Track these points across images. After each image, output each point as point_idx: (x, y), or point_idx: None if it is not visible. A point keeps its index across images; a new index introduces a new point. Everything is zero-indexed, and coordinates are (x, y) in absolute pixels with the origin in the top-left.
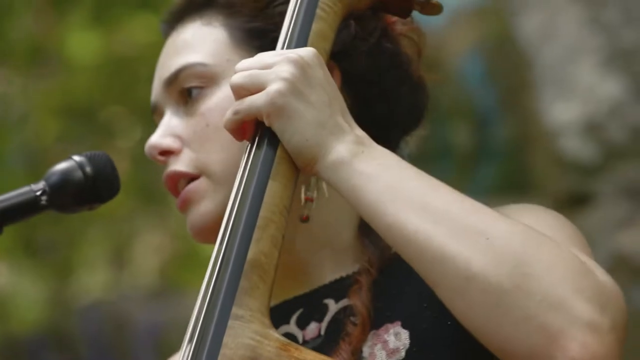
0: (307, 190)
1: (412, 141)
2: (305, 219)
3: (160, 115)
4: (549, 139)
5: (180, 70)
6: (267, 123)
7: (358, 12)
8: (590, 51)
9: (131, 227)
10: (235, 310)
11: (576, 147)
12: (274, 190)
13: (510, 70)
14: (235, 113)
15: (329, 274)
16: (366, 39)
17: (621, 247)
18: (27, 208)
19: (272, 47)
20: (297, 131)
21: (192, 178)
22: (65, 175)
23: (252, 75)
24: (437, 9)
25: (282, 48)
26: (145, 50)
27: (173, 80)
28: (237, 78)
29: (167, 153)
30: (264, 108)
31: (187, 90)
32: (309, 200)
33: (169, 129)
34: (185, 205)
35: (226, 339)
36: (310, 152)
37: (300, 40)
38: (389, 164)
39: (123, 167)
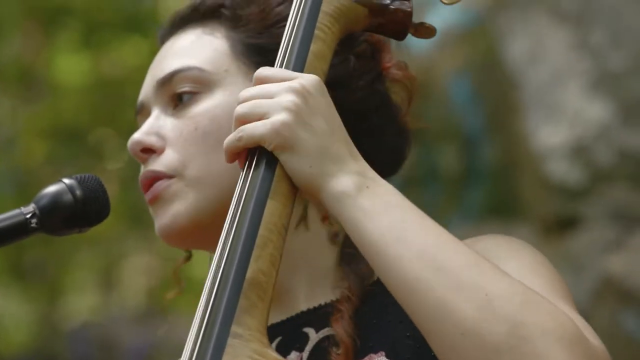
0: (322, 209)
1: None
2: (335, 238)
3: (146, 115)
4: (536, 162)
5: (176, 71)
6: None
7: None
8: (577, 74)
9: (120, 250)
10: (234, 328)
11: (563, 170)
12: (273, 209)
13: (497, 93)
14: (239, 139)
15: (307, 301)
16: (362, 76)
17: (609, 270)
18: (17, 231)
19: (272, 65)
20: (301, 161)
21: (168, 178)
22: (55, 198)
23: (255, 105)
24: (430, 32)
25: (280, 67)
26: (133, 73)
27: (167, 81)
28: (241, 108)
29: (149, 151)
30: (268, 138)
31: (179, 95)
32: (327, 219)
33: (154, 128)
34: (155, 199)
35: (225, 357)
36: (315, 181)
37: (298, 60)
38: (394, 203)
39: (111, 190)
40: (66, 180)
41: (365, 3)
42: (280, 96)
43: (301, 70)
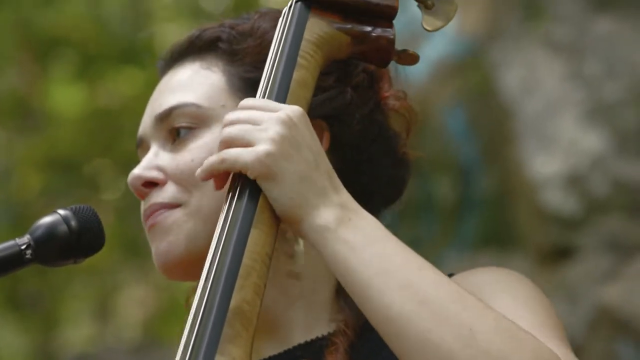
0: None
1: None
2: (295, 276)
3: (145, 149)
4: (531, 191)
5: (173, 108)
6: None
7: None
8: (571, 104)
9: (115, 280)
10: (218, 358)
11: (558, 200)
12: (256, 238)
13: (492, 123)
14: (221, 162)
15: (303, 333)
16: (360, 108)
17: (604, 300)
18: (12, 262)
19: None
20: (283, 191)
21: (174, 206)
22: (50, 229)
23: (242, 130)
24: (414, 59)
25: (263, 96)
26: (129, 104)
27: (165, 117)
28: (228, 131)
29: (150, 185)
30: (252, 166)
31: (177, 129)
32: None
33: (153, 162)
34: (154, 227)
35: None
36: (297, 213)
37: (281, 88)
38: (375, 236)
39: (107, 220)
40: (61, 211)
41: (347, 31)
42: (267, 125)
43: (284, 98)
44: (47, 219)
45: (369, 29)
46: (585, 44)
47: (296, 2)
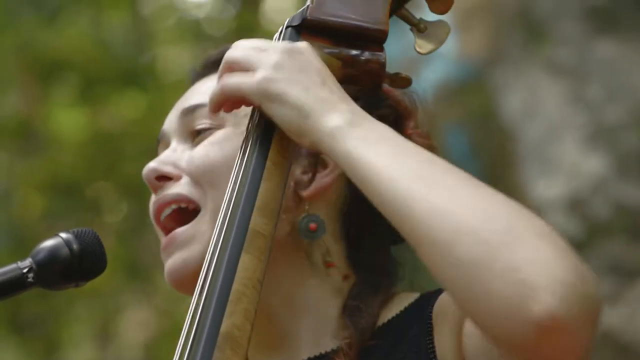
0: (327, 256)
1: None
2: (347, 277)
3: (165, 144)
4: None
5: (198, 105)
6: (256, 105)
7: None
8: (573, 128)
9: (116, 303)
10: None
11: (560, 223)
12: (247, 263)
13: (494, 146)
14: (222, 87)
15: (307, 348)
16: None
17: (606, 324)
18: (14, 285)
19: None
20: (289, 107)
21: (182, 209)
22: (52, 252)
23: (247, 55)
24: (406, 82)
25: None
26: (131, 127)
27: (189, 112)
28: (232, 52)
29: (164, 179)
30: (254, 95)
31: (197, 132)
32: (331, 265)
33: (171, 158)
34: (170, 246)
35: None
36: (306, 125)
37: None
38: (387, 135)
39: (109, 243)
40: (63, 235)
41: (338, 55)
42: (270, 51)
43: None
44: (49, 242)
45: (359, 53)
46: (587, 68)
47: (287, 27)
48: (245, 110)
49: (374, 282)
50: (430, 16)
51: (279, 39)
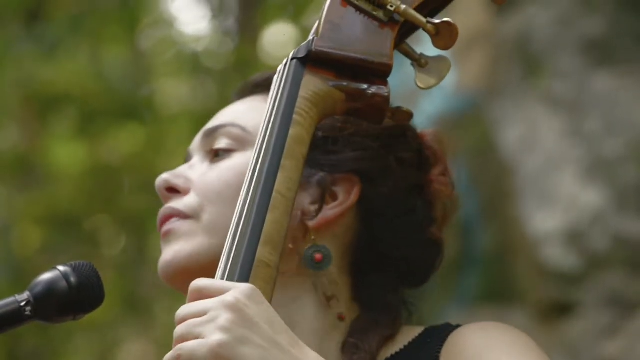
0: (326, 291)
1: None
2: (343, 318)
3: None
4: (531, 247)
5: (221, 125)
6: None
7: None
8: (571, 161)
9: (115, 336)
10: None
11: (559, 256)
12: None
13: (492, 179)
14: (177, 358)
15: None
16: (398, 181)
17: (605, 356)
18: (12, 319)
19: (314, 145)
20: None
21: (184, 218)
22: (50, 285)
23: (190, 325)
24: (407, 117)
25: (260, 149)
26: (129, 160)
27: (211, 132)
28: (178, 330)
29: (173, 191)
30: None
31: (216, 152)
32: (332, 299)
33: (185, 172)
34: (167, 234)
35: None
36: None
37: (277, 144)
38: None
39: (107, 276)
40: (61, 268)
41: (342, 88)
42: (214, 313)
43: (281, 154)
44: (46, 276)
45: (363, 86)
46: (585, 101)
47: (292, 59)
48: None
49: (375, 319)
50: (430, 50)
51: (283, 71)
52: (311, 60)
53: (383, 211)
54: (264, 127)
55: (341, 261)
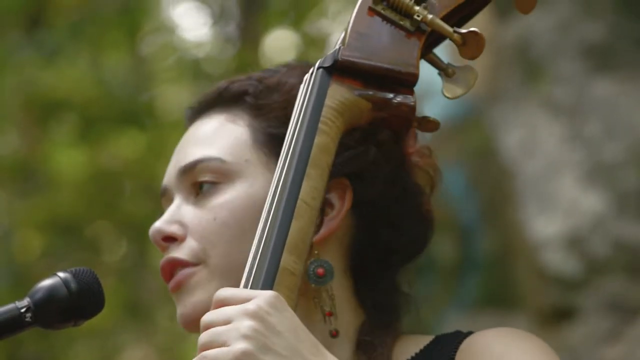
0: (324, 305)
1: None
2: (335, 335)
3: (169, 200)
4: (531, 252)
5: (198, 161)
6: None
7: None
8: (571, 165)
9: (116, 342)
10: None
11: (559, 260)
12: None
13: (492, 184)
14: None
15: None
16: (383, 166)
17: None
18: (12, 325)
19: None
20: None
21: (189, 266)
22: (50, 291)
23: (214, 333)
24: (434, 126)
25: (286, 158)
26: (130, 166)
27: (189, 170)
28: (202, 338)
29: (170, 239)
30: None
31: (200, 184)
32: (329, 315)
33: (176, 216)
34: (178, 288)
35: None
36: None
37: (303, 153)
38: None
39: (108, 282)
40: (61, 274)
41: (368, 97)
42: (238, 322)
43: (306, 163)
44: (47, 282)
45: (390, 95)
46: (585, 106)
47: (318, 68)
48: (247, 157)
49: (383, 320)
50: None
51: (309, 80)
52: (337, 70)
53: (378, 202)
54: (290, 135)
55: (344, 265)
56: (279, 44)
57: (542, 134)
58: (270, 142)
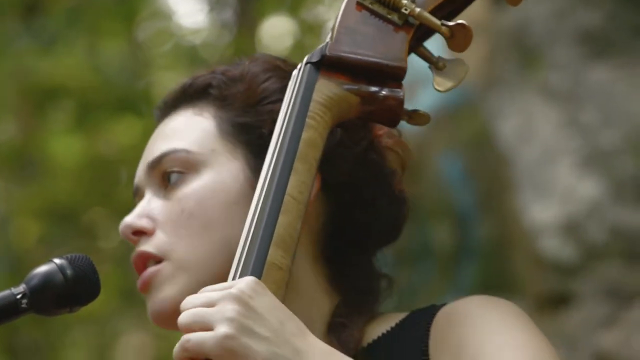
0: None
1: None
2: None
3: (141, 197)
4: (528, 239)
5: (164, 154)
6: None
7: (346, 121)
8: (568, 152)
9: (113, 328)
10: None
11: (556, 247)
12: None
13: (488, 171)
14: (184, 350)
15: None
16: (351, 148)
17: (603, 347)
18: (8, 311)
19: (259, 142)
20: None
21: (158, 260)
22: (46, 278)
23: (197, 314)
24: (424, 119)
25: (272, 154)
26: (127, 153)
27: (156, 164)
28: (183, 318)
29: (140, 233)
30: (215, 352)
31: (168, 174)
32: None
33: (145, 210)
34: (145, 287)
35: None
36: None
37: (290, 148)
38: None
39: (105, 268)
40: (57, 260)
41: (356, 91)
42: (222, 305)
43: (293, 158)
44: (42, 268)
45: (377, 89)
46: (582, 92)
47: (306, 64)
48: (213, 147)
49: (357, 301)
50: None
51: (297, 76)
52: (325, 65)
53: (348, 184)
54: (278, 131)
55: (315, 249)
56: (276, 31)
57: (538, 121)
58: (236, 132)
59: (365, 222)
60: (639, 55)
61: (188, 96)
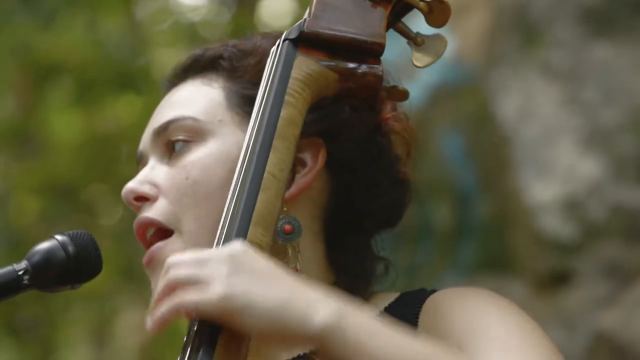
0: (289, 262)
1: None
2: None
3: (144, 165)
4: (528, 217)
5: (171, 121)
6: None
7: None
8: (569, 131)
9: (113, 305)
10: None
11: (556, 225)
12: None
13: (489, 149)
14: (176, 311)
15: (288, 352)
16: (358, 128)
17: (602, 326)
18: (9, 288)
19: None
20: (261, 316)
21: (163, 230)
22: (48, 255)
23: (190, 273)
24: (403, 96)
25: (252, 133)
26: (127, 130)
27: (162, 130)
28: (174, 272)
29: (142, 199)
30: (218, 312)
31: (173, 143)
32: (296, 271)
33: (148, 176)
34: (152, 263)
35: None
36: (286, 328)
37: (269, 126)
38: (375, 326)
39: (105, 245)
40: (59, 237)
41: (334, 68)
42: (215, 263)
43: (272, 136)
44: (44, 245)
45: (356, 66)
46: (583, 71)
47: (284, 40)
48: (220, 117)
49: (352, 283)
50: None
51: (275, 53)
52: (303, 41)
53: (352, 164)
54: (257, 109)
55: (316, 226)
56: (275, 8)
57: (539, 99)
58: (244, 103)
59: (366, 203)
60: None
61: (199, 67)
